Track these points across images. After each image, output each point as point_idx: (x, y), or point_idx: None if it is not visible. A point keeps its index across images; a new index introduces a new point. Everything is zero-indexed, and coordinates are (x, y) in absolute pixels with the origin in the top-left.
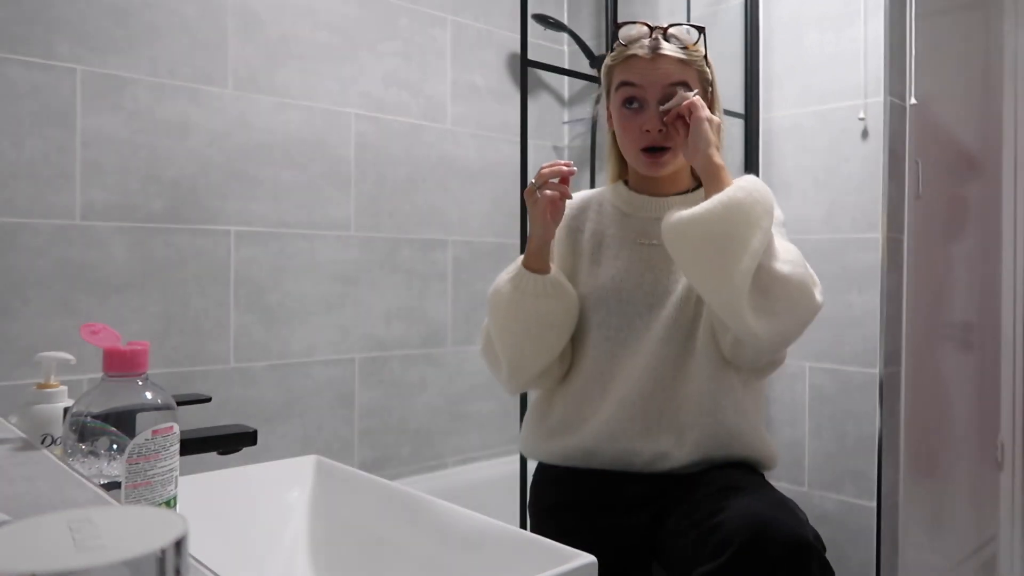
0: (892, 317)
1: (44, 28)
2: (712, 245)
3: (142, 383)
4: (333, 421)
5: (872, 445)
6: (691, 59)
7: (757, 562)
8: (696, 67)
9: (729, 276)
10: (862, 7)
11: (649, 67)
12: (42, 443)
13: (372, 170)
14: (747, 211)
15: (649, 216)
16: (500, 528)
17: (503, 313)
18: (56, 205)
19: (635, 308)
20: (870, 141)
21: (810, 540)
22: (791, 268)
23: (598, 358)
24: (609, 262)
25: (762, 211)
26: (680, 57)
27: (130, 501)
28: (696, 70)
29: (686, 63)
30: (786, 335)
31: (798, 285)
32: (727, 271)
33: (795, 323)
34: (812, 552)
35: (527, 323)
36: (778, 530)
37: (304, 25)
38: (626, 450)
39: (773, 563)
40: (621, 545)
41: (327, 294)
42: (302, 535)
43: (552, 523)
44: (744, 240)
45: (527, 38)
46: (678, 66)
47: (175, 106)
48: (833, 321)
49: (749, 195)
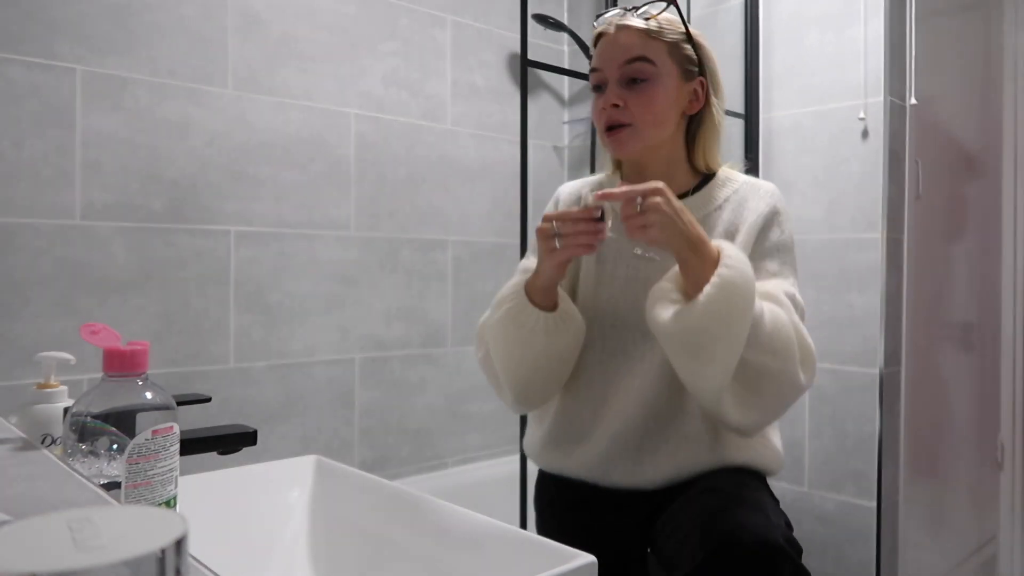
0: (892, 317)
1: (44, 28)
2: (688, 352)
3: (142, 383)
4: (333, 421)
5: (872, 445)
6: (656, 30)
7: (727, 566)
8: (666, 40)
9: (708, 378)
10: (862, 7)
11: (610, 45)
12: (42, 443)
13: (372, 170)
14: (726, 312)
15: None
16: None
17: (508, 349)
18: (56, 205)
19: (630, 334)
20: (870, 141)
21: (780, 543)
22: (780, 363)
23: (592, 382)
24: (606, 279)
25: (744, 305)
26: (640, 27)
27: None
28: (666, 43)
29: (650, 35)
30: (770, 420)
31: (787, 380)
32: (703, 375)
33: (779, 411)
34: (782, 555)
35: (536, 359)
36: (747, 534)
37: (304, 25)
38: (620, 481)
39: (742, 567)
40: (621, 541)
41: (327, 294)
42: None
43: (554, 521)
44: (723, 342)
45: (527, 38)
46: (639, 38)
47: (175, 106)
48: (833, 321)
49: (729, 288)
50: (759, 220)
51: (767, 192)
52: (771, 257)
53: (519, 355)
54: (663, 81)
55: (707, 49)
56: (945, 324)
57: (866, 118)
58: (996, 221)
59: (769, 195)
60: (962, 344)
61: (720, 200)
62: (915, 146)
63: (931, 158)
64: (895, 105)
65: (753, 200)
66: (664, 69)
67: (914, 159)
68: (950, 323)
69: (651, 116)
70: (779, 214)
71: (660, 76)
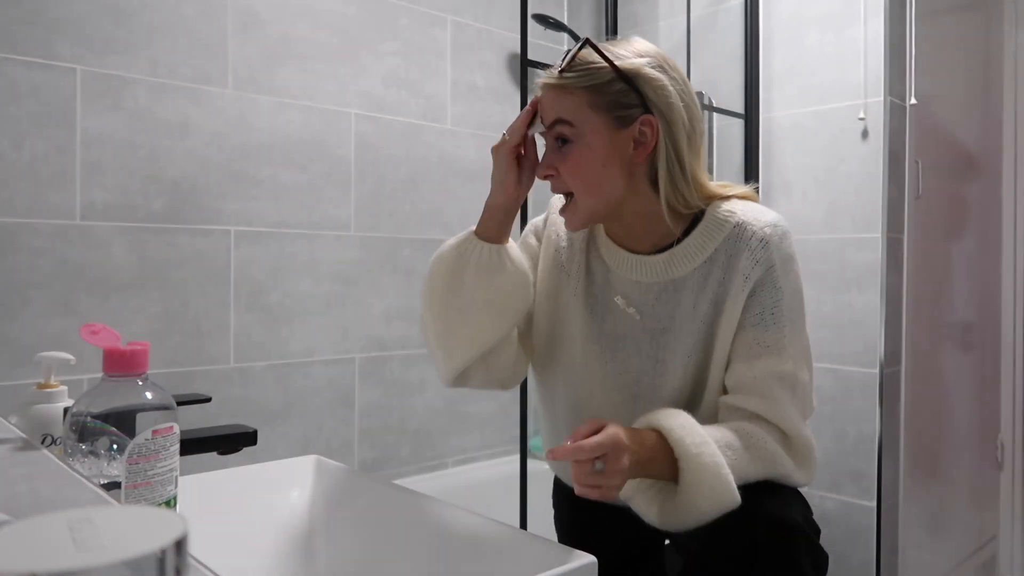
0: (892, 317)
1: (44, 28)
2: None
3: (142, 383)
4: (333, 421)
5: (872, 445)
6: (568, 82)
7: (743, 544)
8: (582, 88)
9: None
10: (862, 7)
11: (541, 110)
12: (42, 443)
13: (372, 170)
14: (703, 501)
15: (629, 277)
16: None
17: (441, 283)
18: (56, 205)
19: (621, 396)
20: (870, 141)
21: (796, 520)
22: (772, 474)
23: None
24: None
25: (718, 491)
26: (552, 83)
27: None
28: (585, 93)
29: (563, 89)
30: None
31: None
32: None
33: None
34: (798, 534)
35: (464, 297)
36: (762, 511)
37: (304, 25)
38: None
39: (757, 545)
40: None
41: (327, 294)
42: (302, 535)
43: (571, 515)
44: (707, 514)
45: (527, 38)
46: (555, 96)
47: (175, 106)
48: (833, 321)
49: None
50: (748, 286)
51: (759, 244)
52: (764, 326)
53: (449, 287)
54: (587, 140)
55: (650, 78)
56: (945, 324)
57: (866, 118)
58: (996, 221)
59: (762, 247)
60: (962, 344)
61: (710, 251)
62: (915, 146)
63: (931, 158)
64: (895, 105)
65: (744, 259)
66: (585, 127)
67: (914, 159)
68: (950, 323)
69: (583, 181)
70: (773, 268)
71: (581, 135)
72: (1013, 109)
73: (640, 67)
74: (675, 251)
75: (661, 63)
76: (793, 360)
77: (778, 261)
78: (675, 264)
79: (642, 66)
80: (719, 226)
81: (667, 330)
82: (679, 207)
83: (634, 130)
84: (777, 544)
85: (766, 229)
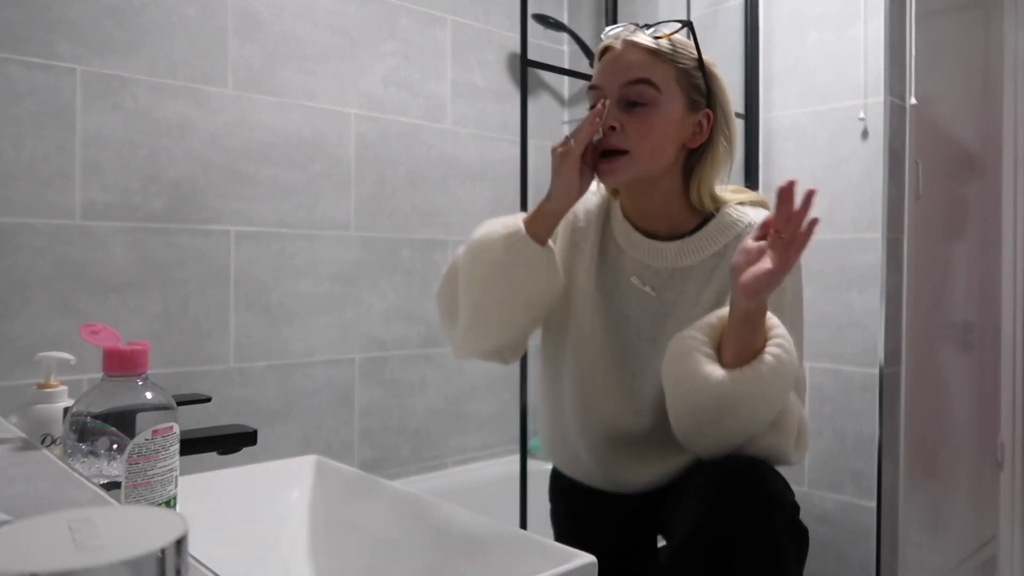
0: (892, 317)
1: (44, 28)
2: (710, 415)
3: (142, 383)
4: (333, 421)
5: (872, 445)
6: (665, 52)
7: (723, 521)
8: (676, 64)
9: (706, 445)
10: (862, 7)
11: (614, 62)
12: (42, 443)
13: (372, 170)
14: (769, 391)
15: (640, 260)
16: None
17: (484, 272)
18: (56, 205)
19: (620, 373)
20: (870, 141)
21: (776, 496)
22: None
23: (575, 403)
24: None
25: (785, 389)
26: (648, 46)
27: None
28: (675, 67)
29: (657, 55)
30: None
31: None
32: (707, 439)
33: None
34: (778, 507)
35: (506, 292)
36: (741, 487)
37: (304, 25)
38: (624, 488)
39: (737, 521)
40: (632, 528)
41: (327, 294)
42: (302, 535)
43: (566, 510)
44: (751, 419)
45: (527, 38)
46: (646, 58)
47: (175, 106)
48: (833, 321)
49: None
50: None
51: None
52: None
53: (493, 279)
54: (666, 109)
55: (720, 80)
56: (945, 324)
57: (866, 118)
58: (996, 221)
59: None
60: (962, 344)
61: (719, 246)
62: (915, 146)
63: (931, 158)
64: (895, 105)
65: None
66: (668, 96)
67: (914, 159)
68: (950, 323)
69: (648, 145)
70: None
71: (663, 103)
72: (1013, 109)
73: (713, 66)
74: (687, 241)
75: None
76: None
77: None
78: (686, 253)
79: (714, 66)
80: (731, 225)
81: (668, 315)
82: (696, 201)
83: (696, 118)
84: (757, 520)
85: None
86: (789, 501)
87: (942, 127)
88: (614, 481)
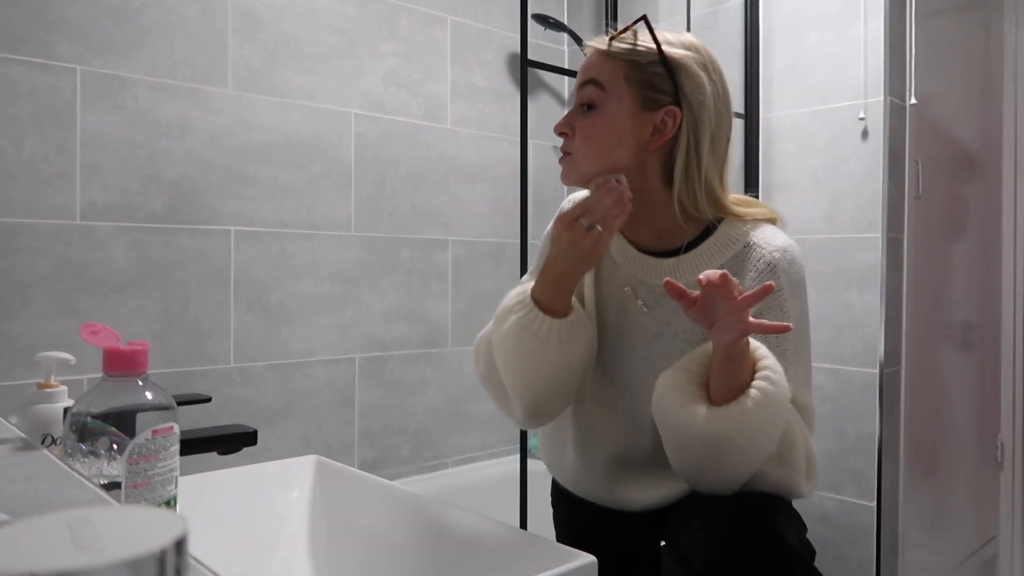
0: (892, 317)
1: (44, 28)
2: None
3: (142, 383)
4: (333, 421)
5: (872, 445)
6: (617, 51)
7: (739, 564)
8: (628, 61)
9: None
10: (862, 7)
11: (579, 71)
12: (42, 443)
13: (372, 170)
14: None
15: (635, 275)
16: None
17: (519, 362)
18: (56, 205)
19: (615, 389)
20: (870, 141)
21: (792, 544)
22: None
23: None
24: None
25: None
26: (600, 48)
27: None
28: (624, 64)
29: (608, 55)
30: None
31: (787, 488)
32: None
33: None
34: (794, 556)
35: (551, 371)
36: (759, 533)
37: (304, 25)
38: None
39: (753, 565)
40: (634, 534)
41: (327, 294)
42: (302, 535)
43: (567, 515)
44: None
45: (527, 38)
46: (596, 59)
47: (175, 106)
48: (833, 321)
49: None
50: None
51: (765, 267)
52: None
53: (532, 368)
54: (611, 108)
55: (692, 74)
56: (945, 324)
57: (866, 118)
58: (996, 221)
59: (768, 271)
60: (962, 344)
61: (715, 265)
62: (915, 146)
63: (931, 158)
64: (895, 105)
65: (748, 279)
66: (615, 94)
67: (914, 159)
68: (950, 323)
69: (592, 148)
70: (781, 292)
71: (608, 102)
72: (1013, 109)
73: (684, 59)
74: (683, 258)
75: (707, 63)
76: (795, 382)
77: (786, 286)
78: (681, 271)
79: (686, 58)
80: (731, 243)
81: (661, 334)
82: (688, 206)
83: (657, 116)
84: (774, 567)
85: (775, 253)
86: (806, 547)
87: (942, 127)
88: (617, 500)
